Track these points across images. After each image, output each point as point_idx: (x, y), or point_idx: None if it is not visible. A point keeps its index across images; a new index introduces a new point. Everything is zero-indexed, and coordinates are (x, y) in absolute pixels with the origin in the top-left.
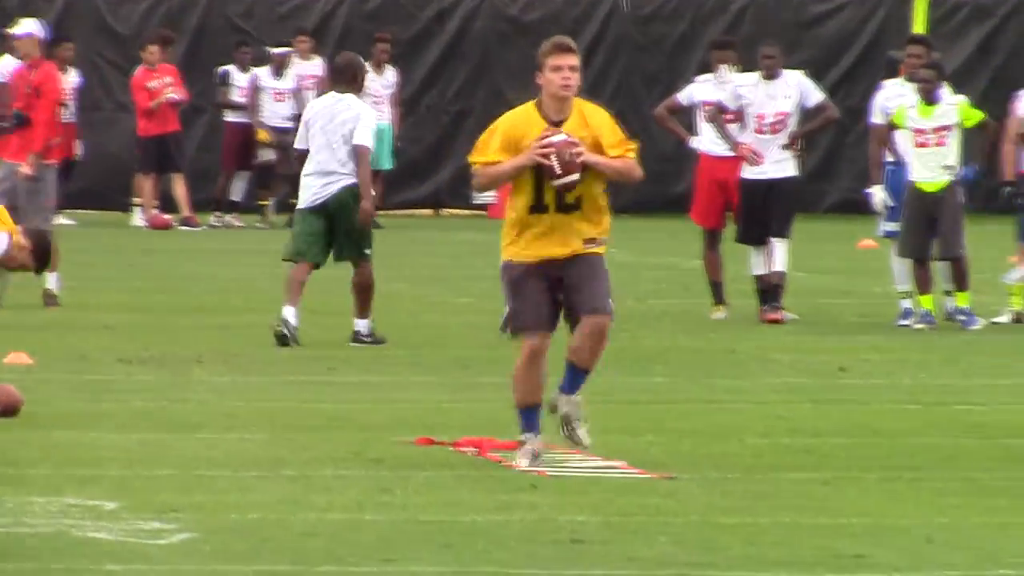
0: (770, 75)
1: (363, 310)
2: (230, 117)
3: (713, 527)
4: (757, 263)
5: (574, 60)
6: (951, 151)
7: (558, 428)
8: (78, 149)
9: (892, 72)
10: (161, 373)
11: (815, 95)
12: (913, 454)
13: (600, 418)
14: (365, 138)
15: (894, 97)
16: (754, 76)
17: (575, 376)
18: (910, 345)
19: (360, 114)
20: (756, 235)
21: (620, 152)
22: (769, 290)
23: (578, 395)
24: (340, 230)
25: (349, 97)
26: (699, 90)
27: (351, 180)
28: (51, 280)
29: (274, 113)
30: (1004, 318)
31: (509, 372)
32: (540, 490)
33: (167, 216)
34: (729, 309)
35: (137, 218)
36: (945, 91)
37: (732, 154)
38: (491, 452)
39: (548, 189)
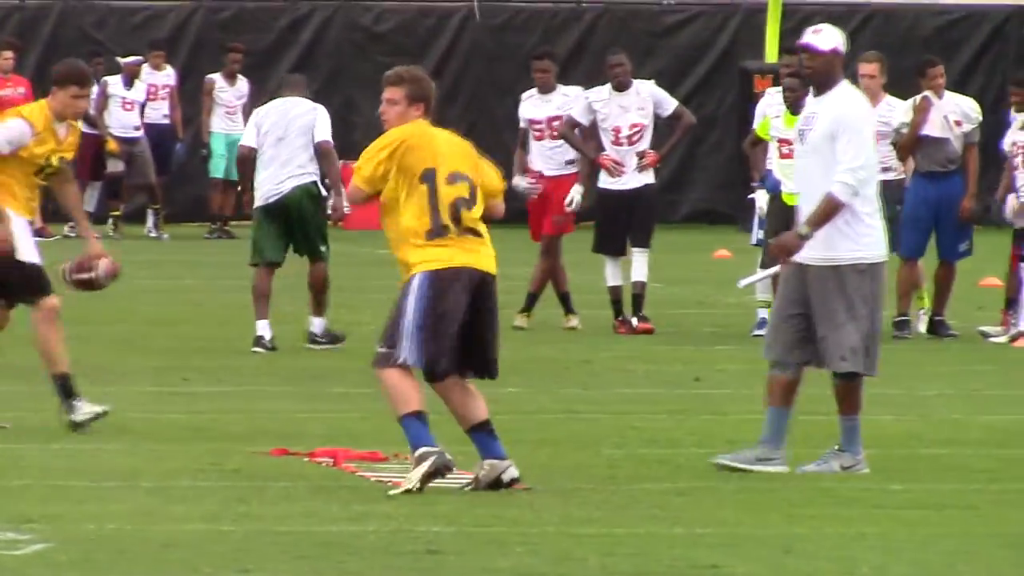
0: (621, 86)
1: (318, 308)
2: (83, 127)
3: (569, 538)
4: (612, 274)
5: (390, 93)
6: None
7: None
8: None
9: (747, 82)
10: (16, 383)
11: (669, 103)
12: None
13: (455, 429)
14: (326, 134)
15: (775, 104)
16: (605, 89)
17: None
18: None
19: (315, 108)
20: (615, 246)
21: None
22: (619, 301)
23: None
24: (296, 228)
25: (300, 99)
26: (525, 108)
27: (306, 178)
28: None
29: (122, 122)
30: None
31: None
32: (395, 501)
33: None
34: (580, 318)
35: None
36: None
37: (557, 173)
38: (346, 463)
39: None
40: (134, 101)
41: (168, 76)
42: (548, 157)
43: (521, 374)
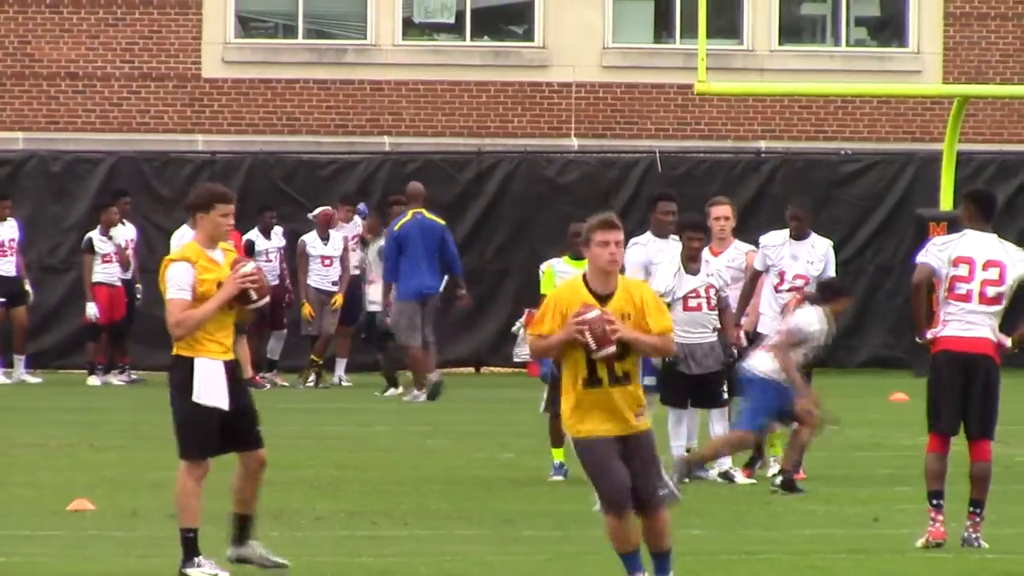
0: (797, 235)
1: None
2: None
3: None
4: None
5: (619, 236)
6: None
7: None
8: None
9: (923, 229)
10: (210, 528)
11: (831, 271)
12: None
13: None
14: None
15: None
16: (782, 234)
17: (660, 562)
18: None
19: None
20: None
21: (659, 330)
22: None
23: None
24: None
25: None
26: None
27: None
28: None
29: (320, 276)
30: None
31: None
32: None
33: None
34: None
35: None
36: None
37: None
38: None
39: (600, 363)
40: (331, 257)
41: (356, 226)
42: None
43: (703, 516)
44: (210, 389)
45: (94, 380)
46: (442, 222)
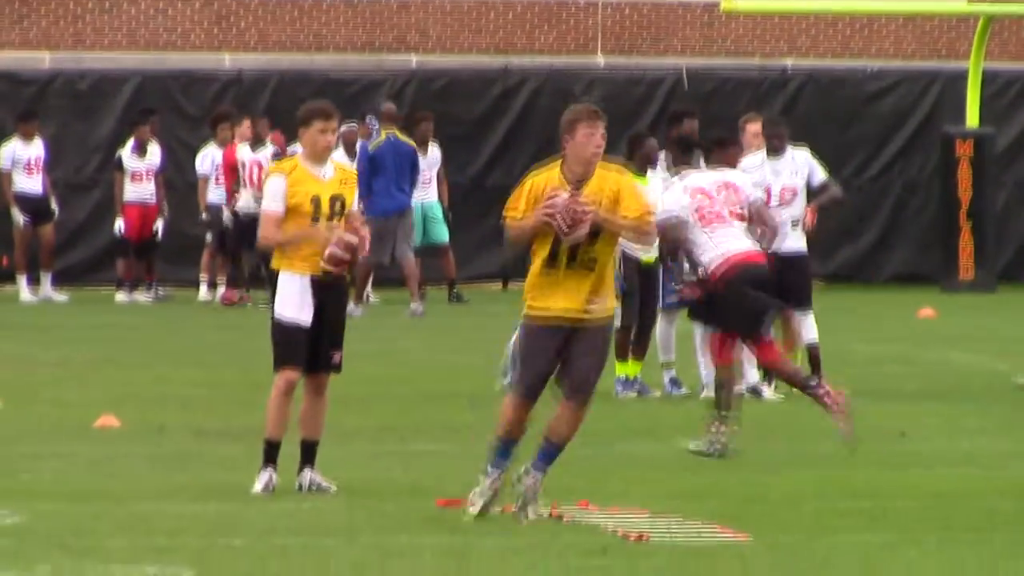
0: (774, 151)
1: None
2: None
3: None
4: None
5: (603, 128)
6: None
7: (515, 500)
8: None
9: (949, 147)
10: (236, 445)
11: (819, 174)
12: (974, 517)
13: (664, 484)
14: None
15: None
16: (759, 155)
17: (549, 451)
18: (970, 411)
19: None
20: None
21: (636, 215)
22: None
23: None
24: None
25: None
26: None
27: None
28: None
29: None
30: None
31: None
32: (610, 555)
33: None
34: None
35: (203, 293)
36: None
37: None
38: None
39: (563, 246)
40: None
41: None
42: None
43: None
44: (289, 304)
45: (121, 297)
46: (413, 143)
